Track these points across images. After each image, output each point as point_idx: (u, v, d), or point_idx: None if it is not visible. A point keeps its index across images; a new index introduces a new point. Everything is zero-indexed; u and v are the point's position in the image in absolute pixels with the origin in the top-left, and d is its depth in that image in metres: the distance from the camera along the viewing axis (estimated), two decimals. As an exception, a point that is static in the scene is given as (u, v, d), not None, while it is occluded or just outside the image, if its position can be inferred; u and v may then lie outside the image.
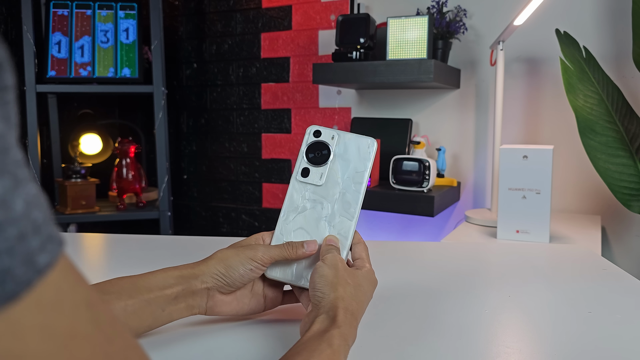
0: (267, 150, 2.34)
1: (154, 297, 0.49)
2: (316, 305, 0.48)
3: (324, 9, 2.15)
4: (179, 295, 0.51)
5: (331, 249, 0.54)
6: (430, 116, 1.99)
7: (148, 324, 0.50)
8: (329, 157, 0.57)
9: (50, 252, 0.21)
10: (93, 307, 0.24)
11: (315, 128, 0.59)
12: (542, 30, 1.75)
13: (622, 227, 1.73)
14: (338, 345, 0.42)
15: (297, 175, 0.58)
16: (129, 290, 0.49)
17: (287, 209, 0.57)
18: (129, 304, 0.48)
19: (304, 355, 0.40)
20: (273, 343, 0.54)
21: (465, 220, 1.69)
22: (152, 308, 0.49)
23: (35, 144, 1.93)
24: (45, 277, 0.21)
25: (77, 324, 0.22)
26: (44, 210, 0.22)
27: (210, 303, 0.53)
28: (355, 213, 0.56)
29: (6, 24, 2.03)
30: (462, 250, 0.97)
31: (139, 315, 0.49)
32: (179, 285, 0.51)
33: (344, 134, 0.58)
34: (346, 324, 0.45)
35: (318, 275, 0.50)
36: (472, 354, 0.52)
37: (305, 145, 0.58)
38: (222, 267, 0.52)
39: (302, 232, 0.56)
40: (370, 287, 0.53)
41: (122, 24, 2.08)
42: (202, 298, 0.52)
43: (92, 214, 2.02)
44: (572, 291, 0.71)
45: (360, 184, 0.56)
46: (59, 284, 0.22)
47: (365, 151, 0.57)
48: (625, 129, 1.49)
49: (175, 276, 0.51)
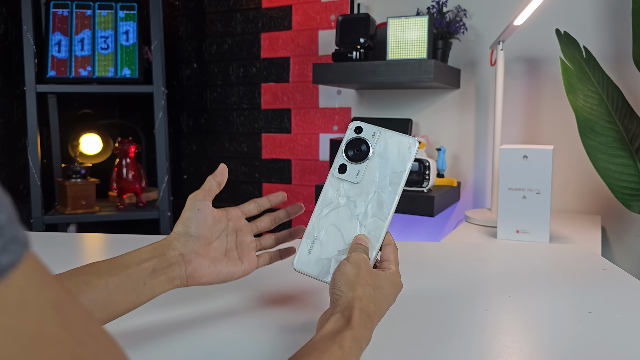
0: (267, 150, 2.34)
1: (132, 271, 0.51)
2: (334, 302, 0.48)
3: (324, 9, 2.15)
4: (156, 268, 0.52)
5: (358, 248, 0.53)
6: (430, 116, 1.99)
7: (132, 299, 0.51)
8: (367, 154, 0.56)
9: (13, 252, 0.21)
10: (61, 309, 0.23)
11: (357, 124, 0.58)
12: (542, 30, 1.75)
13: (622, 227, 1.73)
14: (349, 347, 0.41)
15: (334, 171, 0.57)
16: (107, 268, 0.50)
17: (322, 203, 0.56)
18: (109, 281, 0.49)
19: (314, 355, 0.40)
20: (273, 343, 0.54)
21: (465, 220, 1.69)
22: (132, 282, 0.50)
23: (35, 144, 1.93)
24: (8, 278, 0.21)
25: (43, 325, 0.22)
26: (7, 211, 0.21)
27: (189, 269, 0.54)
28: (389, 214, 0.55)
29: (6, 24, 2.03)
30: (462, 250, 0.97)
31: (121, 291, 0.50)
32: (153, 258, 0.52)
33: (386, 132, 0.57)
34: (360, 325, 0.44)
35: (339, 273, 0.50)
36: (472, 354, 0.52)
37: (345, 141, 0.57)
38: (182, 226, 0.55)
39: (334, 229, 0.55)
40: (393, 290, 0.52)
41: (122, 26, 2.08)
42: (179, 266, 0.54)
43: (92, 214, 2.02)
44: (572, 291, 0.71)
45: (397, 185, 0.55)
46: (23, 285, 0.21)
47: (405, 151, 0.56)
48: (625, 129, 1.49)
49: (149, 250, 0.53)
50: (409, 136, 0.57)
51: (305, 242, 0.56)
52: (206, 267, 0.55)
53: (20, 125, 2.08)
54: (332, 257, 0.55)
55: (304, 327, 0.58)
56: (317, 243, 0.55)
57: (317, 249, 0.55)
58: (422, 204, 1.63)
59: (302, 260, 0.55)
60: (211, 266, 0.56)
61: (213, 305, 0.65)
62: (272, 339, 0.55)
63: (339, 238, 0.55)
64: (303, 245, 0.56)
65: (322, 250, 0.55)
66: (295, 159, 2.27)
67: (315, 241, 0.55)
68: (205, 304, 0.65)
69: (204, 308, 0.64)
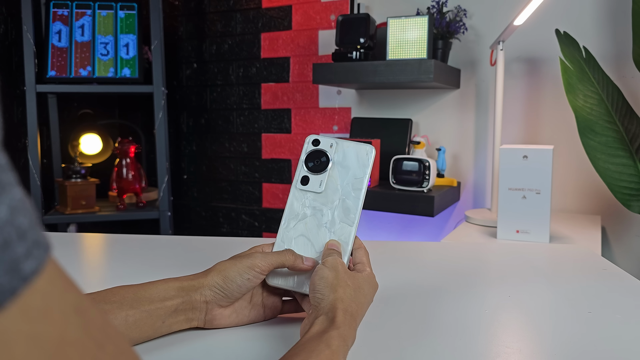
0: (267, 150, 2.34)
1: (154, 308, 0.50)
2: (316, 306, 0.48)
3: (324, 9, 2.15)
4: (178, 308, 0.51)
5: (332, 253, 0.54)
6: (430, 116, 1.99)
7: (147, 334, 0.51)
8: (327, 164, 0.58)
9: (36, 258, 0.21)
10: (83, 313, 0.23)
11: (313, 137, 0.60)
12: (542, 30, 1.75)
13: (622, 227, 1.73)
14: (337, 346, 0.42)
15: (297, 184, 0.58)
16: (130, 300, 0.49)
17: (288, 216, 0.57)
18: (129, 315, 0.49)
19: (302, 355, 0.40)
20: (273, 343, 0.54)
21: (465, 220, 1.69)
22: (152, 319, 0.50)
23: (35, 144, 1.93)
24: (32, 284, 0.20)
25: (66, 330, 0.22)
26: (30, 215, 0.21)
27: (209, 316, 0.53)
28: (355, 219, 0.56)
29: (6, 24, 2.03)
30: (462, 250, 0.97)
31: (139, 327, 0.49)
32: (179, 297, 0.51)
33: (342, 142, 0.59)
34: (345, 325, 0.45)
35: (318, 277, 0.50)
36: (472, 354, 0.52)
37: (304, 154, 0.59)
38: (221, 279, 0.52)
39: (303, 239, 0.56)
40: (371, 290, 0.53)
41: (123, 39, 2.07)
42: (201, 312, 0.53)
43: (92, 214, 2.02)
44: (572, 291, 0.71)
45: (359, 190, 0.57)
46: (46, 290, 0.21)
47: (363, 158, 0.58)
48: (625, 129, 1.49)
49: (176, 287, 0.52)
50: (366, 144, 0.59)
51: None
52: (227, 317, 0.54)
53: (20, 125, 2.08)
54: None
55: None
56: None
57: None
58: (422, 204, 1.63)
59: (275, 274, 0.55)
60: (232, 315, 0.55)
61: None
62: (272, 339, 0.55)
63: (310, 247, 0.56)
64: None
65: None
66: (295, 159, 2.27)
67: None
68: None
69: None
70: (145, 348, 0.52)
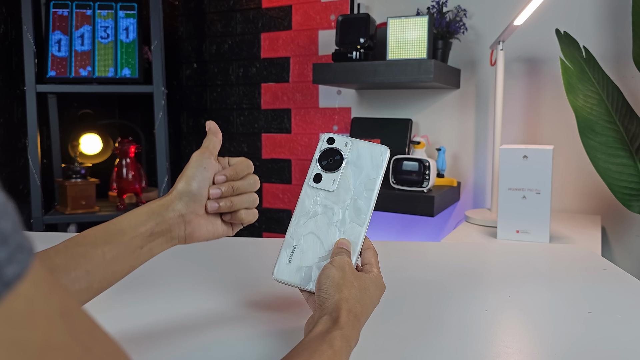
0: (267, 150, 2.34)
1: (129, 238, 0.50)
2: (320, 305, 0.48)
3: (324, 9, 2.15)
4: (154, 231, 0.52)
5: (341, 252, 0.54)
6: (430, 116, 1.99)
7: (130, 264, 0.51)
8: (341, 163, 0.58)
9: (20, 262, 0.20)
10: (68, 317, 0.23)
11: (329, 135, 0.60)
12: (542, 30, 1.75)
13: (622, 227, 1.73)
14: (339, 346, 0.42)
15: (310, 181, 0.58)
16: (103, 237, 0.49)
17: (299, 213, 0.57)
18: (106, 251, 0.48)
19: (304, 355, 0.40)
20: (275, 342, 0.54)
21: (465, 220, 1.69)
22: (130, 249, 0.50)
23: (35, 144, 1.93)
24: (15, 289, 0.20)
25: (50, 335, 0.21)
26: (12, 219, 0.20)
27: (188, 229, 0.54)
28: (366, 219, 0.56)
29: (6, 24, 2.03)
30: (462, 250, 0.97)
31: (118, 260, 0.49)
32: (151, 221, 0.52)
33: (357, 142, 0.59)
34: (349, 325, 0.45)
35: (324, 276, 0.50)
36: (472, 354, 0.52)
37: (318, 152, 0.59)
38: (183, 184, 0.55)
39: (313, 237, 0.56)
40: (377, 291, 0.53)
41: (122, 22, 2.08)
42: (179, 227, 0.54)
43: (92, 214, 2.02)
44: (572, 291, 0.71)
45: (372, 191, 0.57)
46: (30, 295, 0.21)
47: (377, 159, 0.58)
48: (625, 129, 1.49)
49: (145, 212, 0.52)
50: (381, 145, 0.59)
51: (284, 251, 0.56)
52: (204, 227, 0.56)
53: (20, 125, 2.08)
54: (313, 264, 0.55)
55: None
56: (297, 251, 0.56)
57: (298, 257, 0.56)
58: (422, 204, 1.63)
59: (282, 269, 0.55)
60: (209, 225, 0.57)
61: (205, 306, 0.65)
62: (273, 339, 0.55)
63: (319, 245, 0.56)
64: (282, 254, 0.56)
65: (303, 258, 0.55)
66: (295, 159, 2.27)
67: (295, 250, 0.56)
68: (198, 305, 0.65)
69: (198, 309, 0.64)
70: (145, 348, 0.52)
